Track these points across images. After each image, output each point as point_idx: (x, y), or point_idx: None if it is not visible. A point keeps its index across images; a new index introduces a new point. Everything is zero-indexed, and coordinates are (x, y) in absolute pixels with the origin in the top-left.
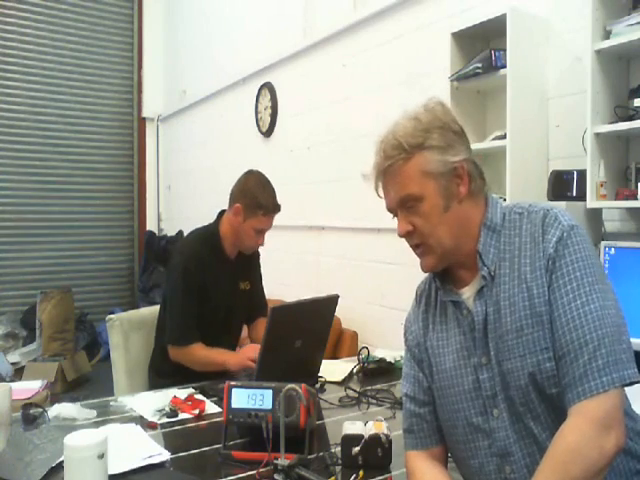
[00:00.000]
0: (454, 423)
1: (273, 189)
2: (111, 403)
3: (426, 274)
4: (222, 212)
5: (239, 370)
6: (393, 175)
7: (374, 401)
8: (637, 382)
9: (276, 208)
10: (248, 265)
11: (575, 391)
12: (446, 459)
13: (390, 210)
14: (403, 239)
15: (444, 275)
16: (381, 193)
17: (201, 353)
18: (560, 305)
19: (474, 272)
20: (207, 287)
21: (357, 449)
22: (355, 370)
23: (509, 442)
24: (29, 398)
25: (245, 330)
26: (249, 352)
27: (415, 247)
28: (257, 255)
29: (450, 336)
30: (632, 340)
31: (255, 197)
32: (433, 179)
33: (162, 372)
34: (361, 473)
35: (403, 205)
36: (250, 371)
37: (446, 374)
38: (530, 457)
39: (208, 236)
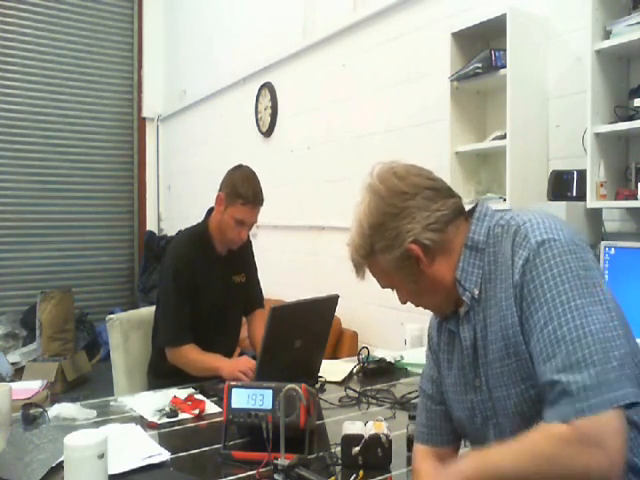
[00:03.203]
0: (462, 431)
1: (258, 183)
2: (111, 403)
3: None
4: (210, 210)
5: (230, 379)
6: (369, 269)
7: (374, 401)
8: (635, 403)
9: (257, 199)
10: (240, 258)
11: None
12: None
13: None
14: None
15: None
16: None
17: (195, 356)
18: (534, 333)
19: None
20: (198, 286)
21: (357, 449)
22: (355, 370)
23: None
24: (29, 398)
25: (245, 330)
26: (242, 365)
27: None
28: (249, 246)
29: (454, 352)
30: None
31: (235, 186)
32: (394, 273)
33: (160, 373)
34: (361, 473)
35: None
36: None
37: (450, 389)
38: None
39: (197, 235)
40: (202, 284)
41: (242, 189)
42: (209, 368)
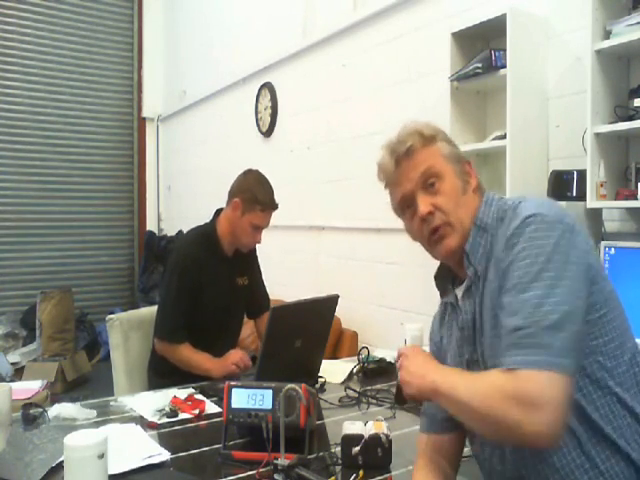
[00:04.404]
0: None
1: (271, 187)
2: (111, 403)
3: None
4: (218, 211)
5: (223, 376)
6: (413, 156)
7: (374, 401)
8: (568, 374)
9: (274, 204)
10: (245, 260)
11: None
12: (455, 451)
13: (406, 196)
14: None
15: (449, 278)
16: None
17: (187, 355)
18: (506, 294)
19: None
20: (203, 287)
21: (357, 449)
22: (355, 370)
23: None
24: (29, 398)
25: (245, 330)
26: (233, 357)
27: (433, 231)
28: (254, 250)
29: (452, 333)
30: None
31: (253, 192)
32: (451, 162)
33: (160, 372)
34: (361, 473)
35: (424, 183)
36: (236, 375)
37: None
38: (516, 453)
39: (205, 235)
40: (207, 283)
41: (260, 195)
42: (198, 368)
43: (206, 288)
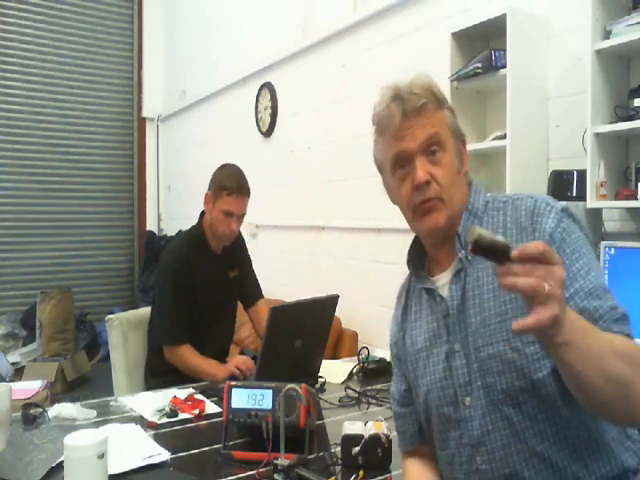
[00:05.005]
0: (427, 414)
1: (242, 175)
2: (111, 403)
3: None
4: (203, 212)
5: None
6: (424, 115)
7: (374, 401)
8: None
9: (241, 189)
10: (234, 254)
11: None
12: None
13: (403, 155)
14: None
15: (419, 262)
16: (382, 145)
17: (193, 360)
18: (577, 278)
19: (453, 256)
20: (196, 287)
21: (357, 449)
22: (355, 370)
23: (481, 432)
24: (29, 398)
25: (245, 330)
26: (236, 361)
27: (423, 203)
28: (242, 242)
29: (422, 324)
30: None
31: (219, 180)
32: (453, 137)
33: (156, 372)
34: (361, 473)
35: (427, 148)
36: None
37: (417, 364)
38: (505, 449)
39: (194, 236)
40: (200, 284)
41: (226, 182)
42: (205, 373)
43: (199, 288)
